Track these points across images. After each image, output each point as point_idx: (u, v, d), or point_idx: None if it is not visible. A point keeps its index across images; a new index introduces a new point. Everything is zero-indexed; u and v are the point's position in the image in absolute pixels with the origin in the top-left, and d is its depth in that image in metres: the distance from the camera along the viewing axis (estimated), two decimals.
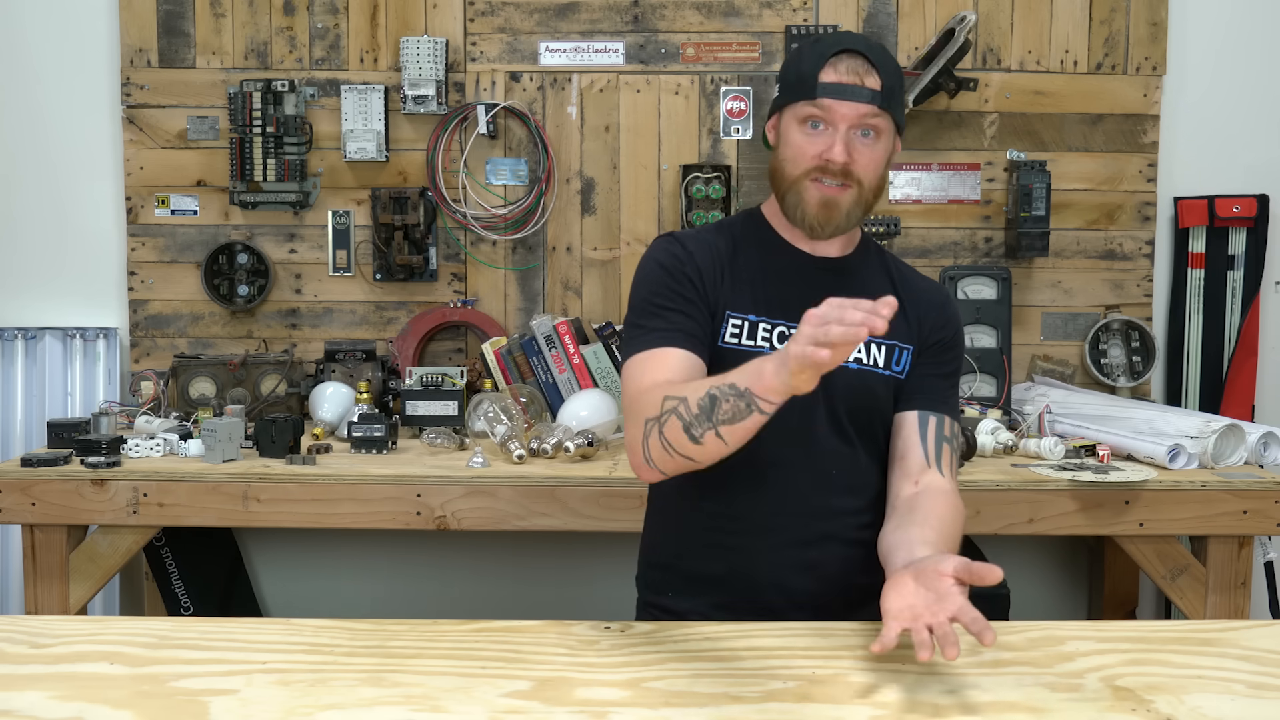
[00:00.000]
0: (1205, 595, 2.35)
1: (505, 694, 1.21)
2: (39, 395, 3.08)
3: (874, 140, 1.60)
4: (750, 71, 3.06)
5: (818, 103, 1.58)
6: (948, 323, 1.72)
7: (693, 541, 1.67)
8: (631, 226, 3.08)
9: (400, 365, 2.99)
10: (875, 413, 1.66)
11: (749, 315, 1.62)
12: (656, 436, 1.45)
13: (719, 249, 1.66)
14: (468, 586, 3.16)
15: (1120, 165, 3.06)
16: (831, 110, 1.57)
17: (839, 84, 1.57)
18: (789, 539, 1.62)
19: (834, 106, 1.57)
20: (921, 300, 1.70)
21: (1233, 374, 3.08)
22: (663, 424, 1.43)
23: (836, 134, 1.57)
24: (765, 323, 1.62)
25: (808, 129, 1.59)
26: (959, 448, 1.72)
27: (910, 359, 1.68)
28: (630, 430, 1.52)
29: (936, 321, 1.70)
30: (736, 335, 1.62)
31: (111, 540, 2.41)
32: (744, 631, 1.41)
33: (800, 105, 1.60)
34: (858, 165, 1.58)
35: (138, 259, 3.10)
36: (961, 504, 1.60)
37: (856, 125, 1.58)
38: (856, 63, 1.58)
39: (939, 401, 1.67)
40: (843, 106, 1.57)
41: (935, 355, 1.69)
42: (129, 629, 1.41)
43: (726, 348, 1.61)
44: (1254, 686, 1.25)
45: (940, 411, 1.66)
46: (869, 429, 1.66)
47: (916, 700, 1.21)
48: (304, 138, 3.04)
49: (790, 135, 1.62)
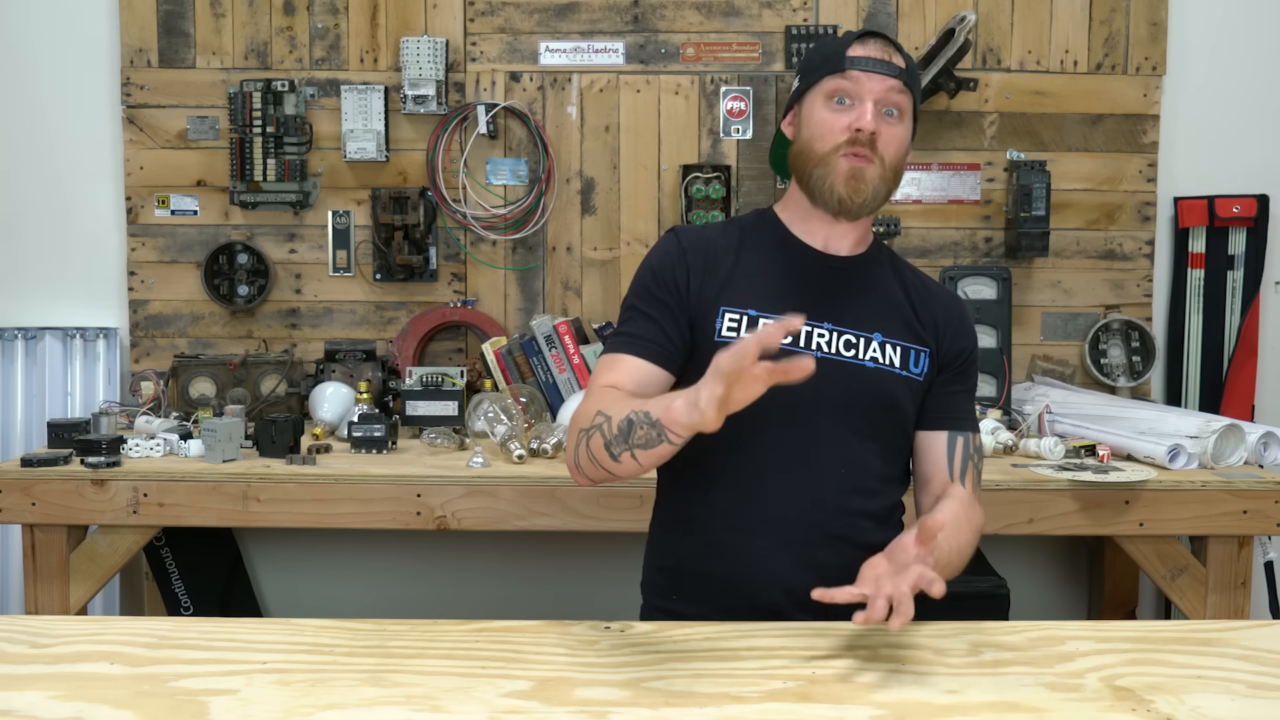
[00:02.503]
0: (1205, 595, 2.35)
1: (505, 694, 1.21)
2: (39, 395, 3.08)
3: (897, 119, 1.62)
4: (750, 71, 3.06)
5: (847, 74, 1.60)
6: (967, 333, 1.72)
7: (697, 542, 1.65)
8: (631, 226, 3.08)
9: (400, 365, 2.99)
10: (892, 413, 1.64)
11: (749, 310, 1.61)
12: (584, 447, 1.50)
13: (721, 245, 1.66)
14: (468, 586, 3.16)
15: (1120, 165, 3.06)
16: (860, 83, 1.59)
17: (868, 57, 1.60)
18: (795, 540, 1.60)
19: (862, 79, 1.59)
20: (940, 309, 1.70)
21: (1233, 374, 3.08)
22: (589, 437, 1.48)
23: (865, 106, 1.59)
24: (766, 317, 1.61)
25: (834, 105, 1.61)
26: (983, 458, 1.73)
27: (928, 363, 1.67)
28: (569, 433, 1.57)
29: (956, 331, 1.70)
30: (734, 329, 1.61)
31: (111, 540, 2.41)
32: (744, 631, 1.41)
33: (827, 80, 1.61)
34: (882, 140, 1.60)
35: (138, 259, 3.10)
36: (980, 513, 1.62)
37: (883, 101, 1.60)
38: (884, 43, 1.63)
39: (965, 420, 1.69)
40: (871, 80, 1.59)
41: (959, 370, 1.69)
42: (129, 629, 1.41)
43: (724, 341, 1.60)
44: (1254, 686, 1.25)
45: (966, 430, 1.68)
46: (884, 429, 1.64)
47: (916, 700, 1.21)
48: (304, 138, 3.04)
49: (816, 114, 1.63)
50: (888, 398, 1.63)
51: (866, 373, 1.62)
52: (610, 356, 1.62)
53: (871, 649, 1.36)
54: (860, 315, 1.64)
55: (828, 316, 1.63)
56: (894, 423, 1.65)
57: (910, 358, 1.66)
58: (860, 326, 1.63)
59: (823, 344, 1.61)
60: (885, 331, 1.65)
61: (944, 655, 1.34)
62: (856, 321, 1.63)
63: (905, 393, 1.65)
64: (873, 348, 1.63)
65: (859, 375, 1.61)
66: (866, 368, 1.62)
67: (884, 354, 1.64)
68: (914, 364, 1.66)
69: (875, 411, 1.63)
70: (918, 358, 1.66)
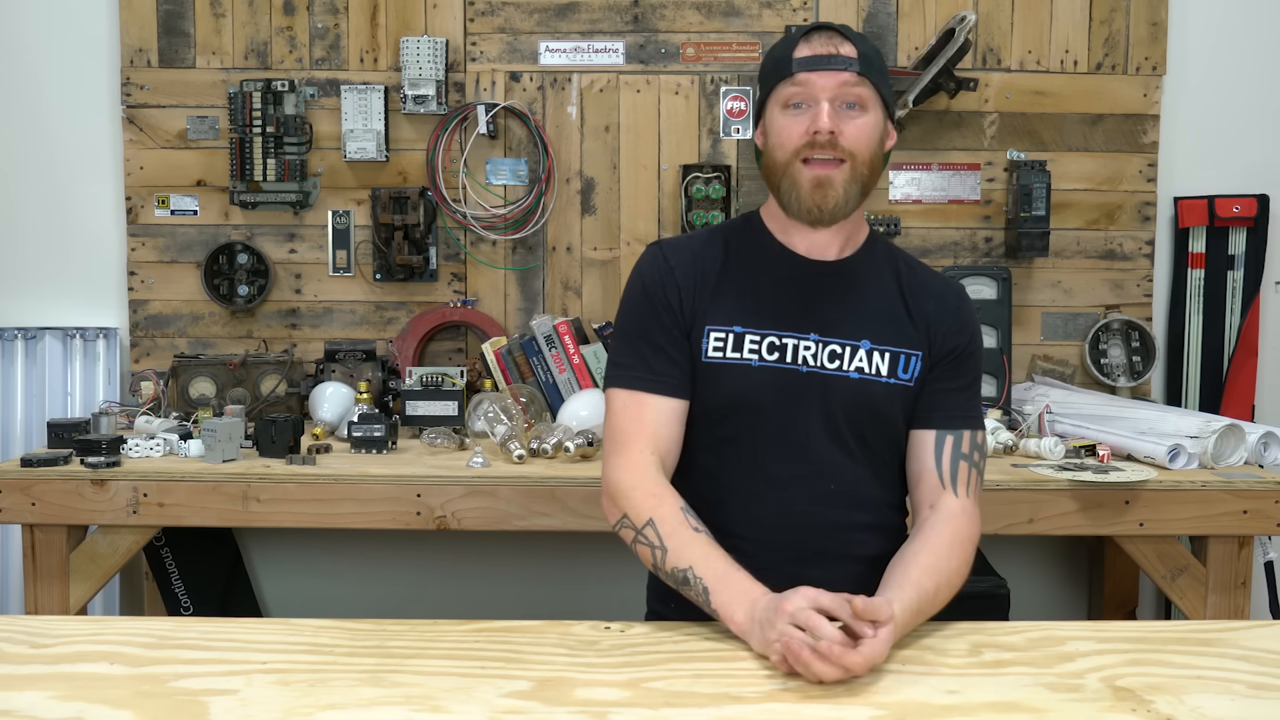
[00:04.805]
0: (1205, 595, 2.35)
1: (505, 694, 1.21)
2: (39, 395, 3.08)
3: (859, 112, 1.57)
4: (750, 71, 3.06)
5: (795, 79, 1.56)
6: (963, 328, 1.64)
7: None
8: (631, 226, 3.08)
9: (400, 365, 2.99)
10: (879, 424, 1.61)
11: (734, 327, 1.59)
12: (629, 537, 1.55)
13: (707, 259, 1.63)
14: (468, 586, 3.16)
15: (1120, 165, 3.06)
16: (810, 84, 1.55)
17: (813, 56, 1.55)
18: (786, 556, 1.57)
19: (812, 79, 1.55)
20: (933, 305, 1.64)
21: (1233, 374, 3.08)
22: (638, 539, 1.52)
23: (820, 107, 1.55)
24: (753, 334, 1.59)
25: (791, 112, 1.57)
26: (984, 458, 1.65)
27: (920, 366, 1.62)
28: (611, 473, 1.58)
29: (951, 328, 1.63)
30: (720, 349, 1.59)
31: (111, 540, 2.41)
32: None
33: (780, 88, 1.58)
34: (845, 136, 1.55)
35: (138, 259, 3.10)
36: (972, 525, 1.57)
37: (838, 96, 1.55)
38: (829, 36, 1.58)
39: (956, 417, 1.62)
40: (820, 78, 1.55)
41: (951, 366, 1.63)
42: (129, 629, 1.41)
43: (710, 363, 1.59)
44: (1254, 686, 1.25)
45: (958, 428, 1.61)
46: (872, 441, 1.61)
47: (916, 700, 1.21)
48: (304, 138, 3.04)
49: (775, 123, 1.59)
50: (872, 408, 1.60)
51: (849, 384, 1.59)
52: (628, 395, 1.60)
53: None
54: (848, 323, 1.60)
55: (813, 327, 1.60)
56: (882, 433, 1.62)
57: (900, 363, 1.61)
58: (847, 335, 1.60)
59: (808, 356, 1.59)
60: (875, 337, 1.61)
61: (944, 655, 1.34)
62: (843, 330, 1.60)
63: (893, 401, 1.60)
64: (859, 357, 1.59)
65: (841, 387, 1.59)
66: (850, 379, 1.59)
67: (870, 363, 1.60)
68: (903, 369, 1.61)
69: (861, 423, 1.60)
70: (908, 362, 1.61)
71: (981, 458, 1.64)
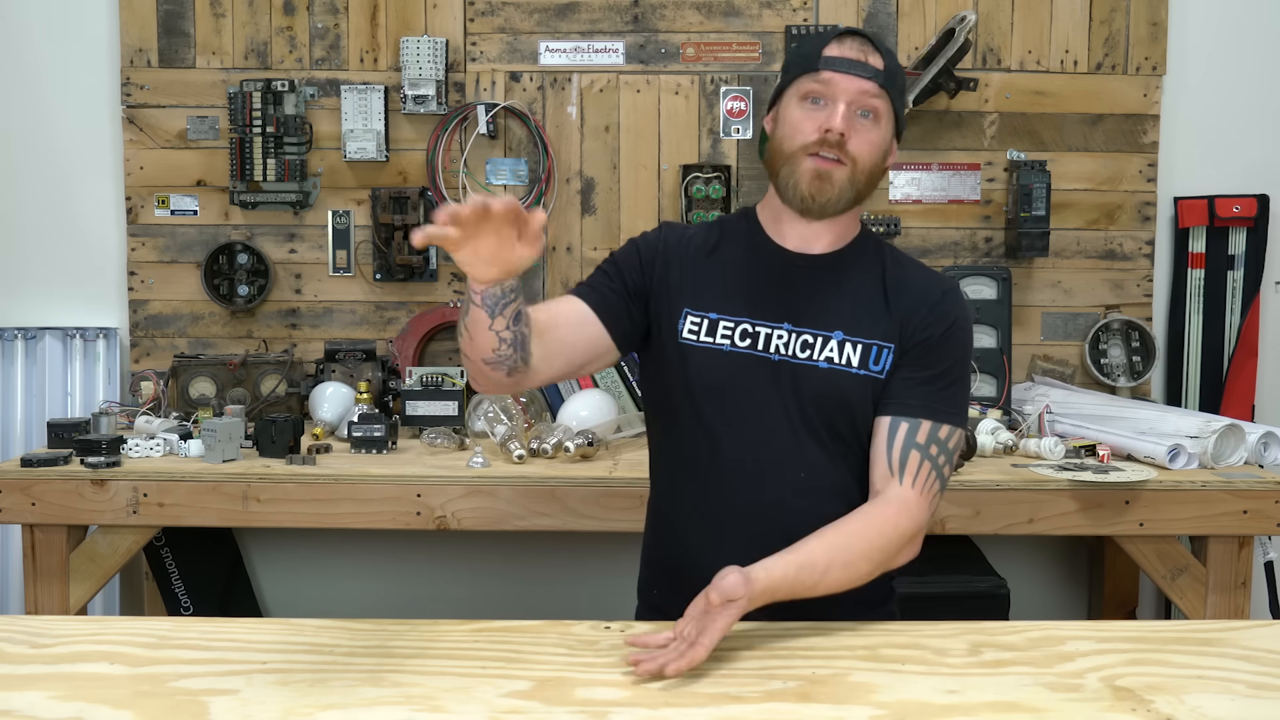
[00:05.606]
0: (1205, 595, 2.35)
1: (505, 694, 1.21)
2: (39, 395, 3.08)
3: (872, 122, 1.60)
4: (750, 71, 3.06)
5: (820, 76, 1.58)
6: (938, 320, 1.63)
7: (669, 539, 1.68)
8: (631, 226, 3.08)
9: (400, 365, 2.99)
10: (848, 414, 1.61)
11: (709, 313, 1.63)
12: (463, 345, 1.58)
13: (700, 246, 1.68)
14: (468, 586, 3.16)
15: (1120, 165, 3.06)
16: (833, 84, 1.58)
17: (843, 57, 1.58)
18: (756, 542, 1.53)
19: (836, 80, 1.58)
20: (910, 298, 1.64)
21: (1233, 374, 3.08)
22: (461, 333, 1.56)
23: (836, 108, 1.58)
24: (727, 320, 1.63)
25: (808, 105, 1.60)
26: (946, 454, 1.60)
27: (891, 358, 1.61)
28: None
29: (924, 320, 1.62)
30: (695, 332, 1.63)
31: (111, 540, 2.41)
32: (744, 631, 1.41)
33: (802, 81, 1.60)
34: (854, 143, 1.58)
35: (138, 259, 3.10)
36: (906, 515, 1.54)
37: (857, 102, 1.58)
38: (862, 42, 1.61)
39: (914, 406, 1.60)
40: (845, 80, 1.58)
41: (918, 356, 1.62)
42: (129, 629, 1.41)
43: (686, 343, 1.63)
44: (1254, 686, 1.25)
45: (914, 417, 1.59)
46: (843, 431, 1.61)
47: (916, 700, 1.21)
48: (304, 138, 3.04)
49: (790, 113, 1.62)
50: (840, 398, 1.60)
51: (818, 373, 1.60)
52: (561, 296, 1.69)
53: (871, 649, 1.37)
54: (822, 314, 1.62)
55: (787, 317, 1.62)
56: (849, 423, 1.62)
57: (872, 355, 1.61)
58: (820, 325, 1.61)
59: (780, 345, 1.61)
60: (849, 329, 1.61)
61: (944, 655, 1.35)
62: (817, 320, 1.62)
63: (863, 391, 1.60)
64: (830, 347, 1.61)
65: (810, 376, 1.60)
66: (819, 368, 1.60)
67: (841, 353, 1.61)
68: (874, 361, 1.61)
69: (830, 412, 1.60)
70: (880, 354, 1.61)
71: (942, 453, 1.60)
